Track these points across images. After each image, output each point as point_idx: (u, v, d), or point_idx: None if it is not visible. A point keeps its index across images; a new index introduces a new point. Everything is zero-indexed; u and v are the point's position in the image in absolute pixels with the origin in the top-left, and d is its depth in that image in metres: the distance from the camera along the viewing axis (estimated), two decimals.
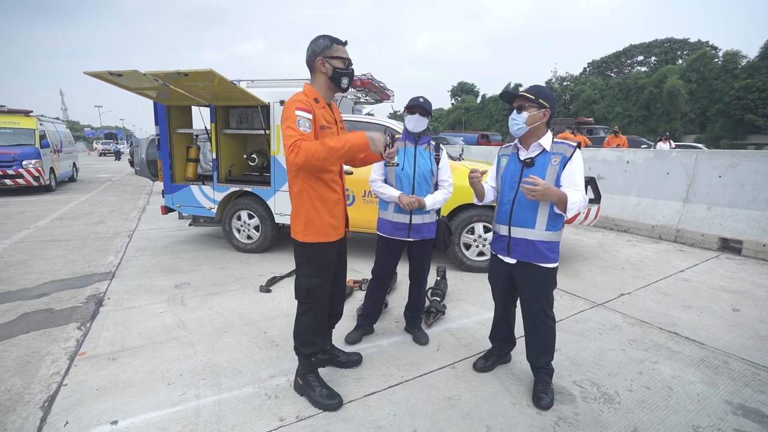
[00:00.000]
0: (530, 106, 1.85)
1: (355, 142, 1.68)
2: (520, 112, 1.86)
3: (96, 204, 8.55)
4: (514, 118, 1.89)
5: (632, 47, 45.55)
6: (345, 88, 1.88)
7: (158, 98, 4.56)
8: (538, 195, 1.72)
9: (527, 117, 1.85)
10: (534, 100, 1.84)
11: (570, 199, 1.74)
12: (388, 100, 5.71)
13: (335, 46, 1.81)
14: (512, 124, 1.90)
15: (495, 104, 46.71)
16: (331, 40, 1.81)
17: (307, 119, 1.69)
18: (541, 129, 1.89)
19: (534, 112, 1.85)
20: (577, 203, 1.75)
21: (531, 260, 1.93)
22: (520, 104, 1.87)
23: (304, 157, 1.58)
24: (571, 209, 1.75)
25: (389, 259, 2.51)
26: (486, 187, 2.14)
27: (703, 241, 5.12)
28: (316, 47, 1.80)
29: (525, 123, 1.86)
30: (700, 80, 33.40)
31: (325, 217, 1.85)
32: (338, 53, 1.81)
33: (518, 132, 1.89)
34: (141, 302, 3.26)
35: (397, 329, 2.84)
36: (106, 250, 4.83)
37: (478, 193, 2.11)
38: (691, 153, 5.49)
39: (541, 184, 1.70)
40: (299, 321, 1.98)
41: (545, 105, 1.85)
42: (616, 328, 2.87)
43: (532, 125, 1.86)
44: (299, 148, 1.58)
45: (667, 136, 13.22)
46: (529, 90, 1.88)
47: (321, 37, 1.82)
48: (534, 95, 1.84)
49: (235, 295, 3.45)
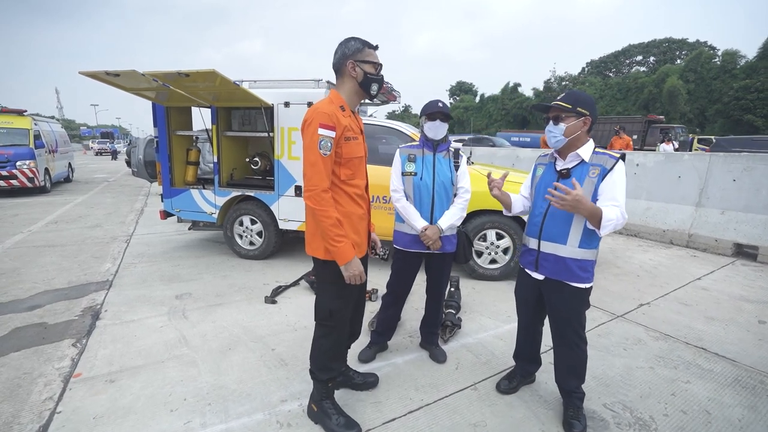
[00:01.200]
0: (568, 116, 1.71)
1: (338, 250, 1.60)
2: (557, 123, 1.72)
3: (92, 206, 8.36)
4: (551, 130, 1.74)
5: (631, 47, 45.63)
6: (374, 95, 1.75)
7: (157, 99, 4.39)
8: (567, 206, 1.57)
9: (565, 128, 1.70)
10: (571, 110, 1.69)
11: (605, 215, 1.58)
12: (394, 101, 5.56)
13: (367, 50, 1.68)
14: (549, 136, 1.75)
15: (493, 104, 46.67)
16: (363, 43, 1.68)
17: (330, 139, 1.59)
18: (580, 138, 1.74)
19: (572, 122, 1.70)
20: (612, 221, 1.59)
21: (560, 278, 1.79)
22: (556, 115, 1.73)
23: (314, 206, 1.58)
24: (606, 227, 1.60)
25: (406, 274, 2.37)
26: (515, 197, 2.00)
27: (716, 247, 5.00)
28: (347, 50, 1.67)
29: (563, 135, 1.71)
30: (699, 80, 33.45)
31: (348, 233, 1.71)
32: (370, 57, 1.69)
33: (557, 144, 1.75)
34: (140, 315, 3.10)
35: (412, 345, 2.70)
36: (103, 257, 4.67)
37: (504, 203, 1.96)
38: (704, 156, 5.37)
39: (572, 194, 1.54)
40: (318, 344, 1.83)
41: (584, 113, 1.71)
42: (640, 343, 2.74)
43: (571, 136, 1.71)
44: (319, 198, 1.58)
45: (670, 137, 13.09)
46: (566, 98, 1.73)
47: (352, 39, 1.69)
48: (571, 104, 1.70)
49: (239, 306, 3.29)
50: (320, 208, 1.57)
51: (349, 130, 1.66)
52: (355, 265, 1.64)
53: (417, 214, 2.21)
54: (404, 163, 2.25)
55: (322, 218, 1.58)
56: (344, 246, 1.60)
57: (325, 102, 1.67)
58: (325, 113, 1.59)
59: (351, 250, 1.62)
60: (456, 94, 57.88)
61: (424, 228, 2.18)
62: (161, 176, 4.69)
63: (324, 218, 1.58)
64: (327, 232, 1.59)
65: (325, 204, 1.58)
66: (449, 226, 2.23)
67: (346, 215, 1.70)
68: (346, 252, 1.61)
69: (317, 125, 1.57)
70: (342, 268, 1.64)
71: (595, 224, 1.62)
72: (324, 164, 1.58)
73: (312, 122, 1.59)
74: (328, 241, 1.61)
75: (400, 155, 2.29)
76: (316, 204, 1.58)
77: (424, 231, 2.17)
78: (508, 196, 1.97)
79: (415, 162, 2.23)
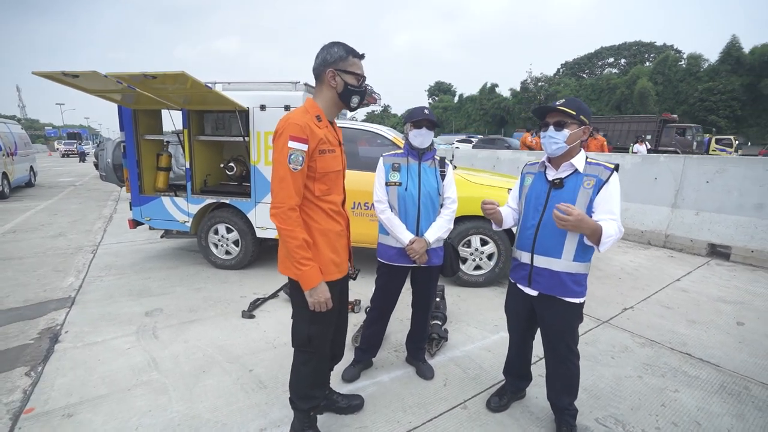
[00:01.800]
0: (571, 123, 1.62)
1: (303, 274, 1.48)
2: (560, 129, 1.62)
3: (56, 213, 7.87)
4: (552, 137, 1.64)
5: (603, 49, 47.10)
6: (354, 108, 1.62)
7: (123, 102, 4.12)
8: (569, 225, 1.50)
9: (568, 135, 1.61)
10: (575, 116, 1.61)
11: (605, 231, 1.51)
12: (374, 104, 5.44)
13: (351, 59, 1.54)
14: (549, 143, 1.65)
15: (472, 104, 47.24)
16: (347, 51, 1.54)
17: (301, 152, 1.46)
18: (576, 147, 1.67)
19: (575, 130, 1.62)
20: (612, 236, 1.53)
21: (554, 293, 1.72)
22: (560, 120, 1.63)
23: (280, 225, 1.46)
24: (606, 243, 1.53)
25: (391, 289, 2.25)
26: (506, 211, 1.92)
27: (692, 247, 5.13)
28: (329, 56, 1.53)
29: (566, 142, 1.62)
30: (666, 82, 34.84)
31: (325, 252, 1.58)
32: (353, 67, 1.55)
33: (557, 152, 1.66)
34: (105, 336, 2.87)
35: (398, 360, 2.59)
36: (66, 270, 4.35)
37: (497, 221, 1.88)
38: (678, 158, 5.51)
39: (575, 213, 1.47)
40: (297, 372, 1.70)
41: (585, 122, 1.64)
42: (627, 351, 2.73)
43: (572, 144, 1.63)
44: (285, 217, 1.45)
45: (643, 138, 13.48)
46: (569, 104, 1.63)
47: (335, 44, 1.54)
48: (575, 110, 1.61)
49: (214, 322, 3.10)
50: (286, 228, 1.45)
51: (324, 143, 1.53)
52: (321, 291, 1.51)
53: (402, 226, 2.10)
54: (388, 173, 2.13)
55: (287, 238, 1.46)
56: (310, 270, 1.48)
57: (299, 112, 1.53)
58: (296, 124, 1.45)
59: (317, 274, 1.50)
60: (435, 94, 58.31)
61: (411, 241, 2.08)
62: (129, 183, 4.41)
63: (290, 239, 1.45)
64: (292, 254, 1.47)
65: (292, 223, 1.45)
66: (436, 238, 2.13)
67: (322, 233, 1.58)
68: (311, 276, 1.48)
69: (287, 137, 1.44)
70: (306, 294, 1.52)
71: (595, 241, 1.55)
72: (293, 180, 1.45)
73: (282, 134, 1.46)
74: (293, 264, 1.48)
75: (383, 164, 2.18)
76: (281, 223, 1.45)
77: (410, 244, 2.07)
78: (500, 214, 1.89)
79: (399, 171, 2.12)
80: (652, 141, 18.53)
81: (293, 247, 1.45)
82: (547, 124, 1.67)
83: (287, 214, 1.44)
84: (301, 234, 1.46)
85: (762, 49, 29.88)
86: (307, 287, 1.49)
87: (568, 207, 1.49)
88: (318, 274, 1.50)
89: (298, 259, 1.46)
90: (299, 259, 1.46)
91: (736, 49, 31.67)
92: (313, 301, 1.52)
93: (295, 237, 1.45)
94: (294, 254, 1.46)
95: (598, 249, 1.57)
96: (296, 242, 1.45)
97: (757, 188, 4.74)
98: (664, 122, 19.05)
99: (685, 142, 18.27)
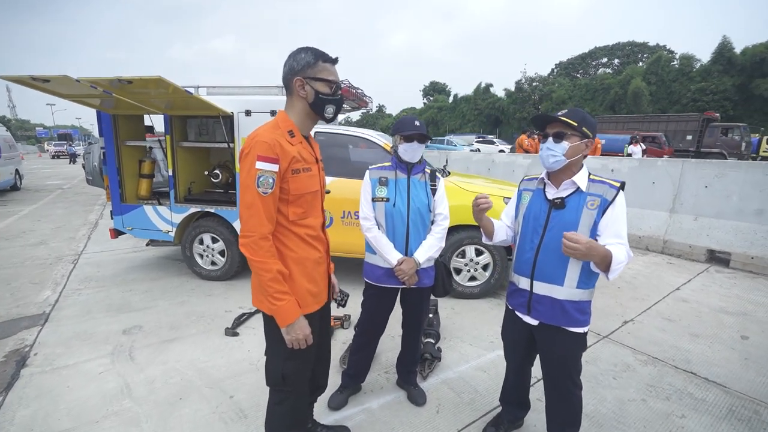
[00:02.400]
0: (572, 135, 1.48)
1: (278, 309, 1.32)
2: (559, 141, 1.48)
3: (39, 219, 7.64)
4: (550, 149, 1.50)
5: (597, 49, 47.20)
6: (330, 119, 1.44)
7: (102, 107, 3.94)
8: (579, 254, 1.35)
9: (568, 148, 1.47)
10: (577, 128, 1.46)
11: (615, 257, 1.37)
12: (366, 107, 5.29)
13: (321, 64, 1.36)
14: (547, 155, 1.51)
15: (467, 104, 47.16)
16: (315, 56, 1.35)
17: (271, 174, 1.29)
18: (578, 163, 1.53)
19: (576, 143, 1.48)
20: (622, 263, 1.39)
21: (557, 323, 1.57)
22: (559, 131, 1.48)
23: (251, 256, 1.29)
24: (615, 271, 1.39)
25: (380, 312, 2.10)
26: (498, 224, 1.76)
27: (690, 253, 5.03)
28: (296, 63, 1.35)
29: (564, 155, 1.48)
30: (659, 82, 34.97)
31: (302, 282, 1.42)
32: (323, 74, 1.37)
33: (554, 165, 1.51)
34: (77, 358, 2.69)
35: (388, 384, 2.44)
36: (43, 282, 4.16)
37: (485, 228, 1.73)
38: (677, 163, 5.41)
39: (584, 242, 1.33)
40: (272, 412, 1.54)
41: (589, 135, 1.49)
42: (629, 370, 2.60)
43: (572, 158, 1.49)
44: (256, 247, 1.29)
45: (638, 139, 13.38)
46: (571, 115, 1.49)
47: (303, 50, 1.37)
48: (577, 122, 1.46)
49: (195, 341, 2.93)
50: (257, 259, 1.28)
51: (298, 161, 1.36)
52: (300, 326, 1.36)
53: (390, 245, 1.95)
54: (374, 187, 1.97)
55: (260, 271, 1.29)
56: (286, 305, 1.32)
57: (268, 127, 1.36)
58: (264, 142, 1.28)
59: (294, 309, 1.34)
60: (430, 94, 58.16)
61: (399, 261, 1.92)
62: (110, 191, 4.23)
63: (262, 271, 1.29)
64: (265, 288, 1.31)
65: (264, 254, 1.29)
66: (427, 258, 1.98)
67: (298, 261, 1.42)
68: (287, 312, 1.32)
69: (254, 158, 1.27)
70: (283, 331, 1.36)
71: (603, 268, 1.40)
72: (263, 205, 1.29)
73: (249, 154, 1.29)
74: (266, 298, 1.32)
75: (369, 178, 2.01)
76: (252, 254, 1.28)
77: (399, 265, 1.91)
78: (491, 223, 1.74)
79: (387, 186, 1.96)
80: (693, 142, 16.99)
81: (266, 281, 1.29)
82: (547, 134, 1.52)
83: (258, 244, 1.28)
84: (274, 265, 1.30)
85: (753, 50, 30.04)
86: (284, 323, 1.34)
87: (578, 236, 1.34)
88: (295, 309, 1.34)
89: (272, 293, 1.30)
90: (273, 294, 1.30)
91: (727, 50, 31.85)
92: (291, 339, 1.36)
93: (268, 269, 1.29)
94: (267, 288, 1.30)
95: (607, 277, 1.42)
96: (270, 275, 1.29)
97: (757, 193, 4.65)
98: (706, 121, 17.14)
99: (731, 143, 16.34)
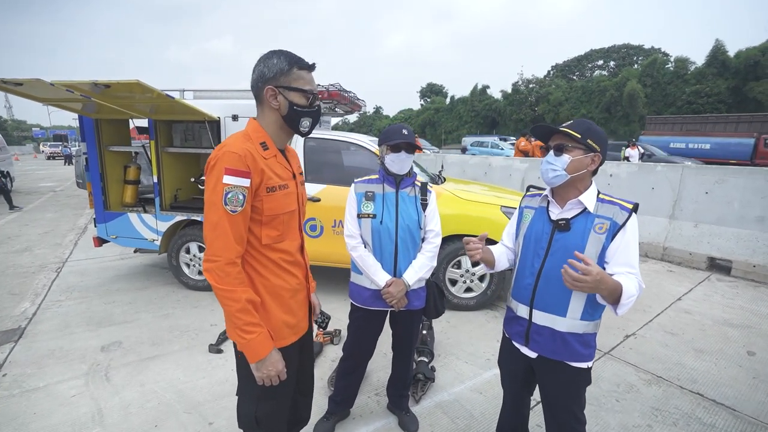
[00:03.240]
0: (575, 148, 1.33)
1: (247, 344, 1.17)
2: (560, 154, 1.34)
3: (27, 223, 7.45)
4: (550, 162, 1.36)
5: (593, 52, 47.35)
6: (305, 133, 1.29)
7: (84, 111, 3.78)
8: (586, 288, 1.20)
9: (569, 162, 1.32)
10: (580, 140, 1.31)
11: (626, 291, 1.21)
12: (359, 111, 5.16)
13: (296, 72, 1.19)
14: (546, 169, 1.37)
15: (464, 105, 47.13)
16: (290, 62, 1.19)
17: (241, 189, 1.13)
18: (584, 180, 1.37)
19: (579, 157, 1.32)
20: (634, 297, 1.24)
21: (557, 357, 1.42)
22: (560, 143, 1.35)
23: (216, 284, 1.13)
24: (625, 305, 1.24)
25: (367, 335, 1.95)
26: (498, 252, 1.61)
27: (691, 260, 4.92)
28: (266, 70, 1.18)
29: (565, 170, 1.33)
30: (655, 84, 35.07)
31: (276, 313, 1.28)
32: (299, 82, 1.20)
33: (555, 181, 1.36)
34: (49, 379, 2.54)
35: (379, 407, 2.30)
36: (23, 293, 3.99)
37: (485, 260, 1.57)
38: (677, 168, 5.31)
39: (593, 273, 1.15)
40: None
41: (595, 148, 1.33)
42: (633, 390, 2.47)
43: (574, 174, 1.34)
44: (222, 273, 1.13)
45: (634, 142, 13.31)
46: (575, 126, 1.34)
47: (275, 54, 1.19)
48: (580, 133, 1.32)
49: (177, 359, 2.79)
50: (223, 287, 1.12)
51: (272, 177, 1.21)
52: (272, 362, 1.20)
53: (377, 265, 1.80)
54: (360, 203, 1.83)
55: (226, 300, 1.13)
56: (257, 338, 1.16)
57: (239, 137, 1.20)
58: (234, 153, 1.12)
59: (266, 343, 1.18)
60: (427, 96, 58.12)
61: (387, 283, 1.78)
62: (93, 198, 4.07)
63: (229, 301, 1.13)
64: (233, 320, 1.15)
65: (231, 281, 1.13)
66: (417, 279, 1.84)
67: (272, 290, 1.27)
68: (258, 346, 1.17)
69: (221, 171, 1.11)
70: (253, 367, 1.20)
71: (612, 302, 1.25)
72: (231, 225, 1.13)
73: (215, 166, 1.14)
74: (234, 330, 1.17)
75: (354, 192, 1.86)
76: (217, 281, 1.12)
77: (387, 287, 1.77)
78: (491, 254, 1.58)
79: (373, 201, 1.81)
80: None
81: (234, 312, 1.14)
82: (548, 147, 1.39)
83: (225, 270, 1.12)
84: (243, 294, 1.14)
85: (746, 53, 30.19)
86: (253, 359, 1.18)
87: (586, 263, 1.16)
88: (267, 343, 1.19)
89: (240, 325, 1.15)
90: (242, 326, 1.15)
91: (721, 53, 31.98)
92: (262, 375, 1.21)
93: (236, 299, 1.13)
94: (235, 320, 1.15)
95: (615, 312, 1.27)
96: (237, 305, 1.13)
97: (758, 200, 4.55)
98: None
99: None
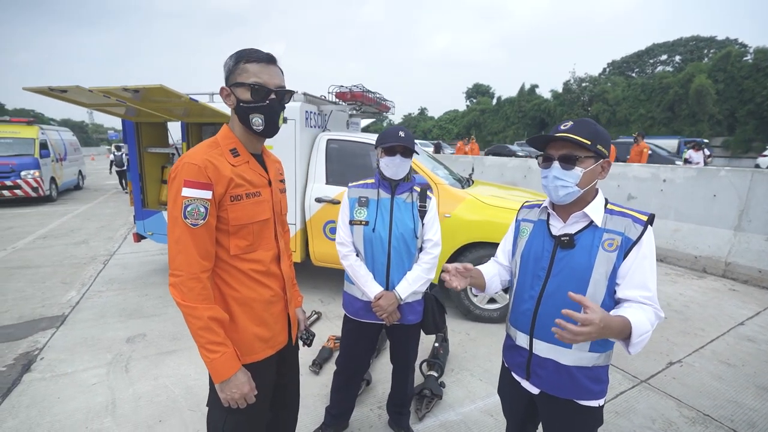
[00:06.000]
0: (587, 158, 1.10)
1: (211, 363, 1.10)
2: (570, 167, 1.10)
3: (89, 218, 8.19)
4: (559, 178, 1.12)
5: (655, 46, 43.81)
6: (261, 132, 1.19)
7: (126, 115, 4.06)
8: (590, 339, 0.93)
9: (582, 176, 1.10)
10: (591, 147, 1.08)
11: (636, 329, 0.98)
12: (387, 112, 5.08)
13: (241, 66, 1.13)
14: (555, 186, 1.13)
15: (510, 106, 45.51)
16: (237, 58, 1.14)
17: (202, 201, 1.08)
18: (591, 191, 1.16)
19: (591, 167, 1.10)
20: (647, 334, 1.01)
21: (563, 395, 1.21)
22: (569, 154, 1.11)
23: (179, 300, 1.08)
24: (638, 344, 1.00)
25: (359, 349, 1.85)
26: (489, 273, 1.39)
27: (760, 279, 4.30)
28: (224, 72, 1.17)
29: (578, 185, 1.11)
30: (728, 80, 31.63)
31: (247, 326, 1.22)
32: (242, 77, 1.13)
33: (566, 199, 1.14)
34: (77, 366, 2.70)
35: (380, 422, 2.19)
36: (72, 282, 4.34)
37: (477, 285, 1.36)
38: (745, 173, 4.67)
39: (596, 321, 0.90)
40: None
41: (605, 154, 1.12)
42: (672, 428, 2.16)
43: (587, 187, 1.13)
44: (185, 289, 1.07)
45: (700, 144, 11.91)
46: (580, 129, 1.10)
47: (230, 56, 1.17)
48: (590, 138, 1.08)
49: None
50: (186, 304, 1.07)
51: (240, 185, 1.15)
52: (236, 384, 1.13)
53: (369, 276, 1.70)
54: (353, 209, 1.73)
55: (188, 318, 1.08)
56: (219, 359, 1.09)
57: (203, 146, 1.16)
58: (192, 164, 1.08)
59: (230, 364, 1.12)
60: (473, 97, 56.92)
61: (377, 296, 1.67)
62: (132, 196, 4.36)
63: (191, 318, 1.07)
64: (196, 338, 1.09)
65: (194, 297, 1.07)
66: (411, 293, 1.70)
67: (242, 302, 1.21)
68: (220, 367, 1.10)
69: (181, 183, 1.07)
70: (217, 387, 1.14)
71: (622, 338, 1.03)
72: (194, 239, 1.08)
73: (175, 179, 1.09)
74: (199, 349, 1.11)
75: (348, 198, 1.76)
76: (180, 297, 1.07)
77: (377, 300, 1.66)
78: (479, 275, 1.36)
79: (367, 207, 1.71)
80: None
81: (197, 329, 1.08)
82: (550, 158, 1.15)
83: (187, 286, 1.07)
84: (206, 312, 1.08)
85: None
86: (217, 380, 1.12)
87: (586, 309, 0.93)
88: (232, 363, 1.12)
89: (203, 344, 1.09)
90: (205, 345, 1.09)
91: None
92: (226, 397, 1.14)
93: (197, 316, 1.07)
94: (198, 339, 1.09)
95: (628, 351, 1.04)
96: (200, 323, 1.07)
97: None
98: None
99: None
